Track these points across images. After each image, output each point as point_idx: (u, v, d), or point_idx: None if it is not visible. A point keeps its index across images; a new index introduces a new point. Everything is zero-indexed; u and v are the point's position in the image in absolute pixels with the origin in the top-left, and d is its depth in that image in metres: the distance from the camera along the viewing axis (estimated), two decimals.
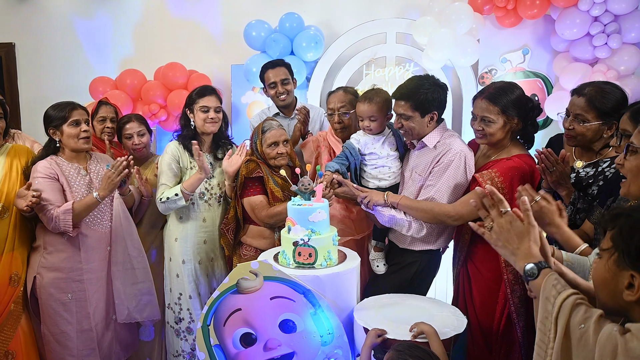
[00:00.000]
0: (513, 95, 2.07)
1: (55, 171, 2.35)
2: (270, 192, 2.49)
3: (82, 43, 4.35)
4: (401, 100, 2.19)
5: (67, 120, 2.35)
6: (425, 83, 2.18)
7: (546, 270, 1.14)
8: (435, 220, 2.17)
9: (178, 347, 2.69)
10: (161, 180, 2.56)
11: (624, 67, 3.18)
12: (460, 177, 2.16)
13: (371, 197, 2.22)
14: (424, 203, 2.17)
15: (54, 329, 2.40)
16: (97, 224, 2.45)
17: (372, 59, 3.67)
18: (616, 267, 0.98)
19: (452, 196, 2.17)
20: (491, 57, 3.57)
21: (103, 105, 2.98)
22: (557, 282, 1.07)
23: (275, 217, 2.44)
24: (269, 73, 2.99)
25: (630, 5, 3.08)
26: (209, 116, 2.57)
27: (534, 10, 3.28)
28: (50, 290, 2.37)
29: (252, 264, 1.95)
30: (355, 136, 2.43)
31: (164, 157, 2.59)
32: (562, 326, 0.99)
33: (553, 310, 1.02)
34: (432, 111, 2.18)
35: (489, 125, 2.08)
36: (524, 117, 2.09)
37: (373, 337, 1.78)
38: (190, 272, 2.62)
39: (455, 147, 2.17)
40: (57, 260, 2.37)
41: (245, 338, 1.99)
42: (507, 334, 2.10)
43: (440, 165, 2.18)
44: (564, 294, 1.03)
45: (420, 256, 2.31)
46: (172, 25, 4.21)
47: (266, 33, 3.67)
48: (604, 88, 1.98)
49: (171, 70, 3.80)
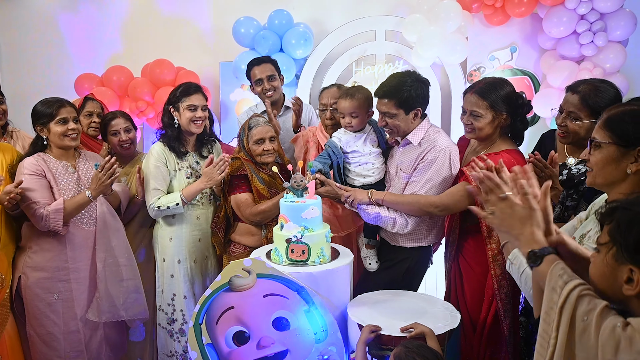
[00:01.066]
0: (503, 91, 2.08)
1: (42, 168, 2.30)
2: (255, 190, 2.48)
3: (66, 39, 4.28)
4: (384, 98, 2.18)
5: (55, 118, 2.31)
6: (408, 80, 2.17)
7: (550, 257, 1.12)
8: (422, 212, 2.17)
9: (171, 348, 2.65)
10: (152, 185, 2.49)
11: (610, 64, 3.22)
12: (445, 173, 2.17)
13: (355, 196, 2.21)
14: (409, 196, 2.18)
15: (40, 330, 2.36)
16: (84, 223, 2.41)
17: (362, 56, 3.68)
18: (614, 261, 0.98)
19: (437, 192, 2.18)
20: (479, 54, 3.59)
21: (89, 101, 2.92)
22: (563, 271, 1.04)
23: (259, 215, 2.43)
24: (254, 70, 2.96)
25: (616, 3, 3.12)
26: (196, 115, 2.51)
27: (522, 8, 3.31)
28: (35, 291, 2.33)
29: (245, 261, 1.93)
30: (336, 134, 2.43)
31: (150, 160, 2.51)
32: (567, 318, 0.98)
33: (559, 300, 1.00)
34: (416, 107, 2.18)
35: (478, 120, 2.09)
36: (512, 113, 2.10)
37: (367, 333, 1.78)
38: (185, 272, 2.58)
39: (439, 144, 2.18)
40: (42, 259, 2.33)
41: (238, 336, 1.98)
42: (494, 329, 2.12)
43: (424, 162, 2.18)
44: (570, 285, 1.00)
45: (412, 253, 2.32)
46: (159, 22, 4.17)
47: (255, 30, 3.64)
48: (599, 86, 1.98)
49: (159, 67, 3.75)
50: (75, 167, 2.42)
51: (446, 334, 1.80)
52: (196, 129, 2.54)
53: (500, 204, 1.21)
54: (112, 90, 3.74)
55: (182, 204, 2.46)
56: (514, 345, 2.12)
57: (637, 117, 1.30)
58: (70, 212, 2.29)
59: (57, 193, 2.31)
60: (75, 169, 2.42)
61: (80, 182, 2.40)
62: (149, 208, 2.50)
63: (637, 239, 0.94)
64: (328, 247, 2.08)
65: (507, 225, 1.20)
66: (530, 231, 1.16)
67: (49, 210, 2.23)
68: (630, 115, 1.30)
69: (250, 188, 2.49)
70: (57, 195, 2.31)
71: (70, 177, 2.38)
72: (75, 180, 2.39)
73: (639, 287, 0.93)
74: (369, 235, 2.43)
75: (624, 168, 1.30)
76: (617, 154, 1.31)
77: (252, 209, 2.44)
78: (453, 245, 2.26)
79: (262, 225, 2.50)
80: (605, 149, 1.32)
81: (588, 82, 2.03)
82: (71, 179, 2.38)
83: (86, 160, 2.48)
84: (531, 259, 1.14)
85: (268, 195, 2.47)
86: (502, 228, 1.23)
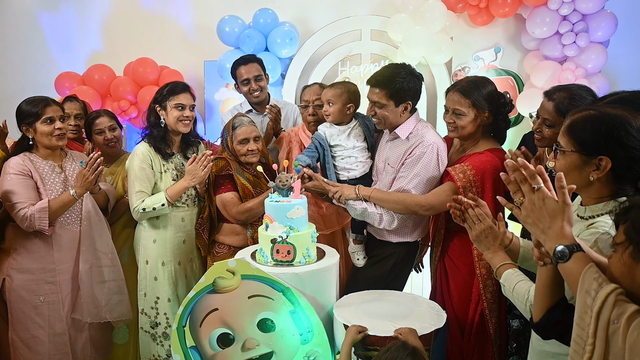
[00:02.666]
0: (485, 90, 2.09)
1: (29, 168, 2.26)
2: (241, 188, 2.45)
3: (46, 37, 4.20)
4: (376, 88, 2.18)
5: (40, 118, 2.27)
6: (402, 72, 2.17)
7: (579, 254, 1.09)
8: (408, 211, 2.17)
9: (154, 352, 2.60)
10: (136, 187, 2.43)
11: (592, 65, 3.27)
12: (432, 168, 2.17)
13: (342, 192, 2.20)
14: (396, 194, 2.17)
15: (24, 334, 2.30)
16: (70, 223, 2.37)
17: (348, 55, 3.67)
18: (632, 259, 0.96)
19: (424, 188, 2.18)
20: (464, 54, 3.61)
21: (67, 102, 2.86)
22: (598, 275, 1.01)
23: (246, 213, 2.41)
24: (241, 69, 2.93)
25: (597, 4, 3.16)
26: (184, 114, 2.48)
27: (506, 8, 3.34)
28: (20, 293, 2.28)
29: (230, 262, 1.91)
30: (321, 127, 2.43)
31: (135, 161, 2.45)
32: (605, 323, 0.95)
33: (594, 304, 0.97)
34: (406, 101, 2.18)
35: (460, 118, 2.09)
36: (495, 112, 2.11)
37: (354, 333, 1.77)
38: (169, 275, 2.54)
39: (427, 139, 2.17)
40: (27, 261, 2.29)
41: (223, 338, 1.95)
42: (481, 329, 2.12)
43: (412, 157, 2.18)
44: (607, 289, 0.97)
45: (398, 248, 2.32)
46: (142, 20, 4.11)
47: (240, 29, 3.61)
48: (575, 94, 1.93)
49: (142, 66, 3.70)
50: (62, 167, 2.39)
51: (432, 333, 1.80)
52: (184, 128, 2.51)
53: (532, 195, 1.16)
54: (94, 89, 3.67)
55: (167, 204, 2.42)
56: (499, 345, 2.12)
57: (596, 125, 1.28)
58: (56, 211, 2.25)
59: (44, 194, 2.28)
60: (62, 169, 2.38)
61: (67, 183, 2.36)
62: (133, 211, 2.45)
63: None
64: (314, 247, 2.06)
65: (535, 217, 1.16)
66: (560, 226, 1.13)
67: (34, 209, 2.20)
68: (591, 123, 1.29)
69: (236, 187, 2.46)
70: (43, 196, 2.28)
71: (57, 177, 2.34)
72: (62, 181, 2.35)
73: None
74: (357, 231, 2.43)
75: (587, 175, 1.30)
76: (579, 162, 1.30)
77: (239, 207, 2.42)
78: (439, 245, 2.26)
79: (248, 225, 2.48)
80: (569, 156, 1.31)
81: (565, 88, 1.99)
82: (58, 179, 2.34)
83: (73, 160, 2.45)
84: (559, 255, 1.11)
85: (254, 194, 2.45)
86: (529, 220, 1.18)
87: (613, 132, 1.25)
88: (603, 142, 1.26)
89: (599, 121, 1.28)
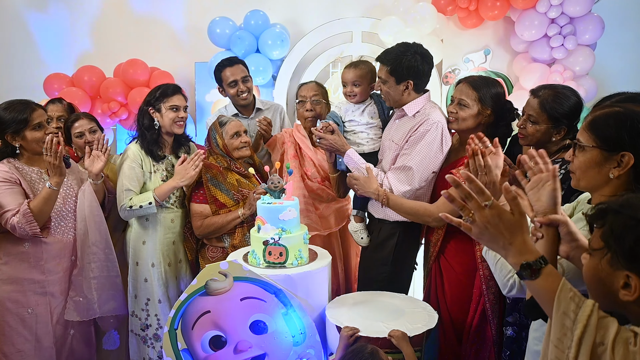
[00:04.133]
0: (494, 89, 2.14)
1: (17, 176, 2.17)
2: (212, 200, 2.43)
3: (35, 37, 4.14)
4: (381, 63, 2.23)
5: (30, 124, 2.16)
6: (409, 51, 2.18)
7: (547, 269, 1.02)
8: (420, 221, 2.18)
9: (145, 354, 2.58)
10: (125, 185, 2.43)
11: (579, 67, 3.31)
12: (436, 147, 2.17)
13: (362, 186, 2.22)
14: (409, 204, 2.17)
15: (9, 348, 2.20)
16: (60, 232, 2.29)
17: (339, 57, 3.68)
18: (610, 267, 0.95)
19: (426, 167, 2.17)
20: (454, 56, 3.64)
21: (50, 104, 2.79)
22: (573, 293, 0.95)
23: (208, 229, 2.43)
24: (226, 71, 2.87)
25: (584, 8, 3.21)
26: (179, 115, 2.49)
27: (495, 11, 3.37)
28: (7, 305, 2.18)
29: (222, 264, 1.91)
30: (337, 103, 2.49)
31: (126, 161, 2.45)
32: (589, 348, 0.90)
33: (575, 328, 0.92)
34: (407, 79, 2.18)
35: (463, 109, 2.12)
36: (497, 113, 2.14)
37: (346, 339, 1.77)
38: (159, 276, 2.53)
39: (433, 117, 2.18)
40: (15, 271, 2.19)
41: (215, 341, 1.95)
42: (480, 330, 2.13)
43: (416, 134, 2.18)
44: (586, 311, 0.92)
45: (397, 227, 2.31)
46: (132, 20, 4.08)
47: (231, 30, 3.60)
48: (559, 93, 1.98)
49: (132, 67, 3.67)
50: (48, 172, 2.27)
51: (424, 334, 1.81)
52: (178, 129, 2.53)
53: (484, 211, 1.06)
54: (83, 90, 3.63)
55: (155, 203, 2.41)
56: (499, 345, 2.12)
57: (621, 120, 1.25)
58: (41, 210, 2.14)
59: None
60: (49, 174, 2.27)
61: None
62: (120, 209, 2.43)
63: (632, 246, 0.91)
64: (306, 248, 2.07)
65: (490, 234, 1.07)
66: (522, 240, 1.05)
67: (19, 217, 2.10)
68: (615, 119, 1.26)
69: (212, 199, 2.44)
70: None
71: (44, 184, 2.24)
72: None
73: (637, 293, 0.91)
74: (358, 207, 2.45)
75: (607, 172, 1.26)
76: (600, 158, 1.27)
77: (204, 221, 2.44)
78: (436, 245, 2.25)
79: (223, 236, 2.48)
80: (589, 152, 1.28)
81: (550, 87, 2.05)
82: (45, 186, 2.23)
83: None
84: (526, 272, 1.03)
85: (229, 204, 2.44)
86: (484, 237, 1.08)
87: (638, 127, 1.23)
88: (627, 137, 1.23)
89: (624, 117, 1.25)
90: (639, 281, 0.91)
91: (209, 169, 2.45)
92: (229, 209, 2.44)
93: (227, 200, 2.45)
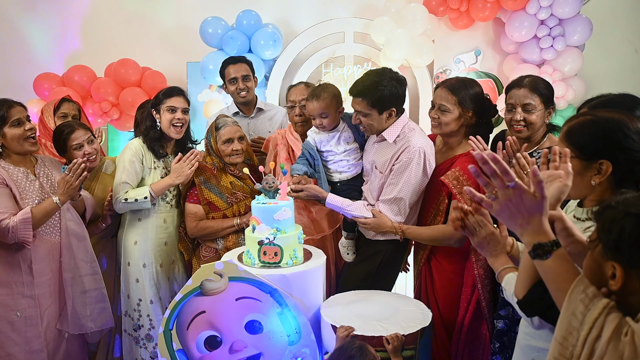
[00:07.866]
0: (472, 90, 2.14)
1: (3, 177, 2.12)
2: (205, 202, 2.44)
3: (25, 37, 4.10)
4: (358, 97, 2.17)
5: (8, 121, 2.13)
6: (384, 79, 2.15)
7: (558, 252, 1.08)
8: (443, 244, 2.17)
9: (137, 355, 2.57)
10: (122, 178, 2.43)
11: (568, 68, 3.36)
12: (421, 174, 2.18)
13: (377, 225, 2.21)
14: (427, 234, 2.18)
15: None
16: (49, 233, 2.26)
17: (331, 57, 3.70)
18: (600, 257, 1.00)
19: (414, 194, 2.20)
20: (445, 57, 3.68)
21: (66, 102, 2.80)
22: (584, 295, 0.98)
23: (202, 232, 2.44)
24: (229, 68, 2.94)
25: (573, 9, 3.26)
26: (176, 116, 2.49)
27: (486, 12, 3.41)
28: None
29: (217, 264, 1.90)
30: (310, 134, 2.42)
31: (127, 154, 2.47)
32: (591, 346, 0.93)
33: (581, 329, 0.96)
34: (390, 108, 2.18)
35: (445, 115, 2.12)
36: (478, 113, 2.15)
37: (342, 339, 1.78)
38: (151, 276, 2.52)
39: (414, 143, 2.17)
40: (2, 274, 2.14)
41: (210, 341, 1.94)
42: (473, 329, 2.15)
43: (400, 163, 2.18)
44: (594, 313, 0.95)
45: (385, 246, 2.33)
46: (123, 20, 4.06)
47: (223, 30, 3.60)
48: (539, 77, 2.14)
49: (123, 67, 3.65)
50: (35, 173, 2.26)
51: (418, 332, 1.83)
52: (175, 134, 2.52)
53: (507, 190, 1.10)
54: (74, 90, 3.61)
55: (150, 198, 2.41)
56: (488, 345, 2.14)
57: (594, 128, 1.28)
58: (39, 221, 2.13)
59: (20, 202, 2.14)
60: (36, 175, 2.25)
61: (44, 190, 2.24)
62: (115, 201, 2.43)
63: (616, 237, 0.95)
64: (300, 248, 2.08)
65: (510, 212, 1.11)
66: (539, 221, 1.10)
67: (16, 221, 2.06)
68: (588, 127, 1.29)
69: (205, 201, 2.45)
70: (21, 205, 2.14)
71: (31, 184, 2.21)
72: (37, 188, 2.22)
73: (620, 283, 0.95)
74: (348, 229, 2.45)
75: (589, 180, 1.30)
76: (580, 167, 1.30)
77: (199, 223, 2.44)
78: (425, 248, 2.27)
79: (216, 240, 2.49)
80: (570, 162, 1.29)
81: (527, 75, 2.16)
82: (33, 187, 2.21)
83: (45, 166, 2.32)
84: (538, 252, 1.09)
85: (223, 207, 2.44)
86: (503, 214, 1.13)
87: (611, 135, 1.26)
88: (602, 146, 1.26)
89: (597, 125, 1.29)
90: (622, 271, 0.95)
91: (202, 172, 2.45)
92: (222, 211, 2.45)
93: (221, 203, 2.45)
